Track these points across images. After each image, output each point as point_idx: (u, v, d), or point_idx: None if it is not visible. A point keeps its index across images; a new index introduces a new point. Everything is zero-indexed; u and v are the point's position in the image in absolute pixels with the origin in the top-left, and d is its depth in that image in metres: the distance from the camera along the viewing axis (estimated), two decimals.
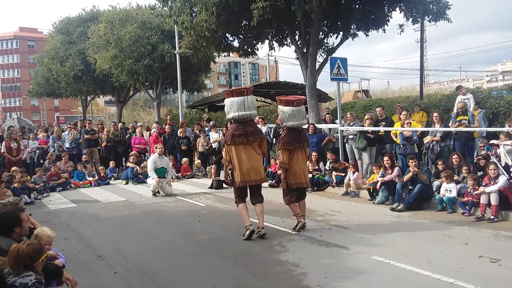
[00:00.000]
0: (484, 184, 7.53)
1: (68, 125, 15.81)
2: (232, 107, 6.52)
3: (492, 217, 7.08)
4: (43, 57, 30.26)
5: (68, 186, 12.57)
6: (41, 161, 13.37)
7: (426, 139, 9.84)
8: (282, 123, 7.51)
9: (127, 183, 13.12)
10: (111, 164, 14.47)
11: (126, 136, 15.59)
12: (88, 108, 36.77)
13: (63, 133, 14.79)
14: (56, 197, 11.18)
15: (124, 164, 14.85)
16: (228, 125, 6.93)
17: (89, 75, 26.11)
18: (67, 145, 14.29)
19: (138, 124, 16.54)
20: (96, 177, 13.31)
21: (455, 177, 8.45)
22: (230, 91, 6.77)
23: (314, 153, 11.21)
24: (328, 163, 11.35)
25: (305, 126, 10.26)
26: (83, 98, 33.91)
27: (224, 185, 11.86)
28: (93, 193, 11.56)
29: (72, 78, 26.55)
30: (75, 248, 6.33)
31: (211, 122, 16.25)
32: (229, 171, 6.64)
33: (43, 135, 14.38)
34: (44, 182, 11.83)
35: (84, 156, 14.21)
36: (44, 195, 11.26)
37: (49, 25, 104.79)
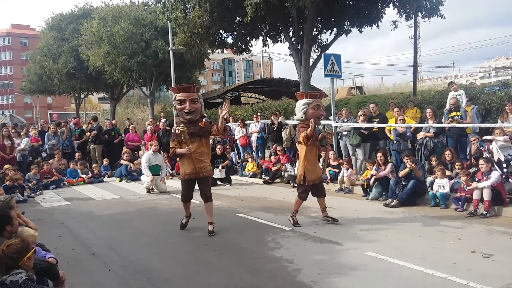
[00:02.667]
0: (477, 179, 7.58)
1: (64, 123, 15.80)
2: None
3: (484, 212, 7.13)
4: (35, 54, 30.07)
5: (62, 184, 12.51)
6: (30, 159, 13.29)
7: (420, 135, 9.89)
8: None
9: (121, 180, 13.08)
10: (105, 161, 14.43)
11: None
12: (82, 105, 36.53)
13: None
14: (49, 195, 11.13)
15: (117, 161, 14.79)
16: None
17: (82, 72, 25.99)
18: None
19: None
20: (90, 175, 13.26)
21: (448, 173, 8.50)
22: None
23: None
24: (321, 160, 11.35)
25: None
26: (76, 95, 33.75)
27: (218, 182, 11.89)
28: (87, 191, 11.52)
29: (65, 75, 26.42)
30: (68, 246, 6.30)
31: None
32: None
33: (35, 133, 14.31)
34: (37, 180, 11.77)
35: (77, 154, 14.18)
36: (37, 193, 11.20)
37: (42, 22, 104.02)
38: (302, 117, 6.92)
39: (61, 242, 6.52)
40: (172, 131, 7.85)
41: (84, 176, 13.08)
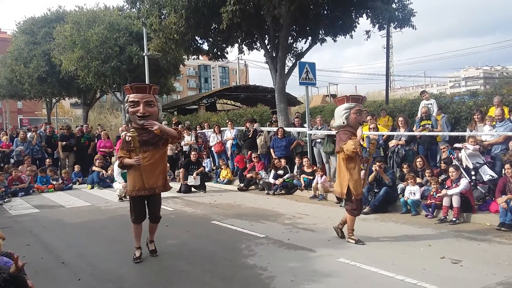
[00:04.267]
0: (446, 186, 7.76)
1: (34, 128, 15.50)
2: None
3: (454, 219, 7.30)
4: (6, 58, 29.27)
5: (31, 191, 12.20)
6: (1, 165, 12.97)
7: (392, 143, 10.07)
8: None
9: (92, 187, 12.84)
10: (76, 168, 14.15)
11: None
12: (53, 110, 35.75)
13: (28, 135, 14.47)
14: (18, 202, 10.83)
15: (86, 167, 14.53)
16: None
17: (54, 76, 25.46)
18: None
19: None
20: (60, 181, 12.98)
21: (418, 180, 8.67)
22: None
23: (283, 160, 11.37)
24: (296, 167, 11.44)
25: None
26: (47, 100, 33.01)
27: (193, 189, 11.81)
28: (57, 198, 11.26)
29: (36, 80, 25.82)
30: (37, 255, 6.14)
31: (179, 126, 16.09)
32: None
33: (6, 138, 13.96)
34: (5, 187, 11.43)
35: (48, 160, 13.88)
36: (5, 200, 10.87)
37: (13, 25, 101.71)
38: (343, 123, 6.30)
39: (29, 250, 6.36)
40: (122, 138, 6.40)
41: (54, 183, 12.79)
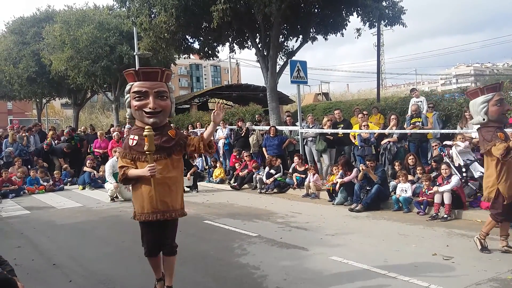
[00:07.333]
0: (437, 184, 7.80)
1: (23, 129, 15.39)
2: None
3: (445, 215, 7.35)
4: None
5: (22, 192, 12.09)
6: None
7: (383, 141, 10.11)
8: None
9: (84, 188, 12.76)
10: (64, 166, 14.05)
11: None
12: (44, 111, 35.46)
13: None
14: (8, 204, 10.73)
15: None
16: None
17: (44, 77, 25.25)
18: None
19: None
20: (51, 182, 12.87)
21: (410, 177, 8.71)
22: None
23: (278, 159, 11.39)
24: (292, 165, 11.45)
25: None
26: (37, 100, 32.74)
27: (185, 189, 11.76)
28: (48, 199, 11.17)
29: (26, 80, 25.59)
30: (28, 257, 6.08)
31: (171, 125, 16.03)
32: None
33: None
34: None
35: (40, 161, 13.77)
36: None
37: (2, 25, 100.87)
38: (483, 120, 5.33)
39: (20, 252, 6.29)
40: (124, 143, 4.39)
41: (45, 184, 12.69)
